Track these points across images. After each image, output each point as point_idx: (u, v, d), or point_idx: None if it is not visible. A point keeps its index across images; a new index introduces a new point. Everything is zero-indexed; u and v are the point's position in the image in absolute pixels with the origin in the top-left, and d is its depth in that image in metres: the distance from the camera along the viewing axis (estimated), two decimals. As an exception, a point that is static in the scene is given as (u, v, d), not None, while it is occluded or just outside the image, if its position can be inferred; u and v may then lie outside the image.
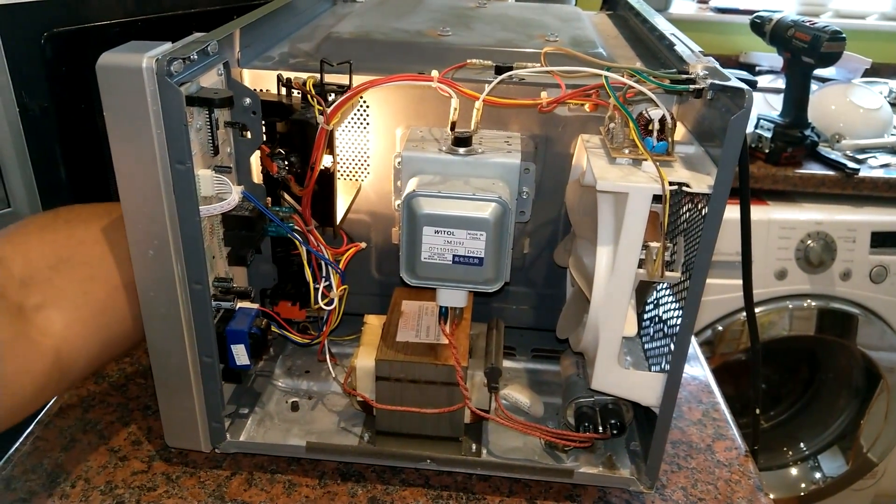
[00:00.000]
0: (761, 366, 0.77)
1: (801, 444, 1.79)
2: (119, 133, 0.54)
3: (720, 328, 1.58)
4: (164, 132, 0.54)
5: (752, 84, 1.80)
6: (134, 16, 0.82)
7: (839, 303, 1.59)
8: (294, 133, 0.65)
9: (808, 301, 1.58)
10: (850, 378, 1.73)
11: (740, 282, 0.71)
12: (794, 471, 1.78)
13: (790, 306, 1.58)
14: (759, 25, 1.61)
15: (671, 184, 0.55)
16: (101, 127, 0.53)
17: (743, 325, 1.56)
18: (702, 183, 0.55)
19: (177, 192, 0.56)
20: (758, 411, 0.76)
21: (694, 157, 0.60)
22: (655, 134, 0.59)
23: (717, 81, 0.57)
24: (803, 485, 1.76)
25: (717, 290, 1.51)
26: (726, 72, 0.58)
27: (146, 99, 0.52)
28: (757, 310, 1.56)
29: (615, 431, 0.67)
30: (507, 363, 0.81)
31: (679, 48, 0.68)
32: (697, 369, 0.88)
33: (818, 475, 1.76)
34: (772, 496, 0.70)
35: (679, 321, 0.60)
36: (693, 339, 0.89)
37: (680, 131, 0.65)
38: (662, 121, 0.59)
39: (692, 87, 0.59)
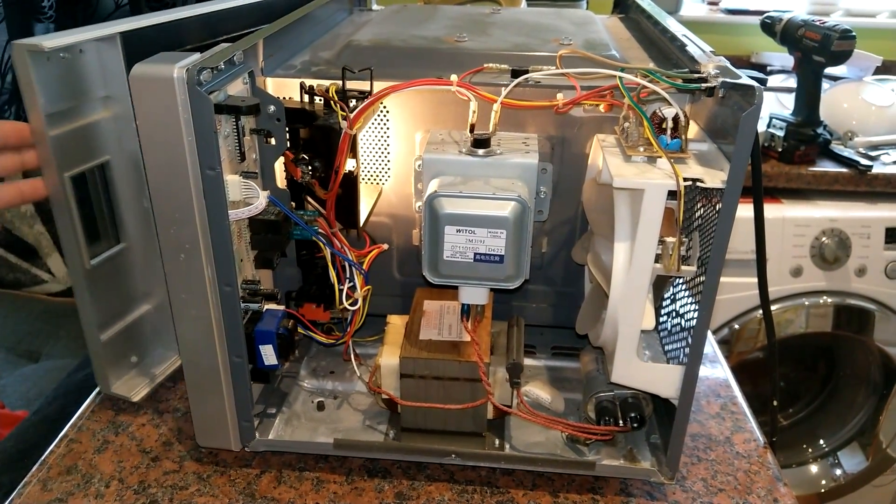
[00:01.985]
0: (777, 358, 0.78)
1: (821, 441, 1.79)
2: (151, 140, 0.56)
3: (737, 326, 1.58)
4: (194, 139, 0.56)
5: (763, 81, 1.81)
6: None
7: (855, 299, 1.59)
8: (318, 138, 0.67)
9: (825, 298, 1.59)
10: (867, 374, 1.73)
11: (756, 280, 0.73)
12: (814, 468, 1.78)
13: (806, 303, 1.58)
14: (770, 26, 1.62)
15: (685, 180, 0.57)
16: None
17: (759, 322, 1.57)
18: (715, 178, 0.57)
19: (207, 197, 0.58)
20: (775, 403, 0.77)
21: (707, 154, 0.62)
22: (669, 132, 0.61)
23: (728, 79, 0.59)
24: (823, 482, 1.76)
25: (732, 288, 1.51)
26: (737, 70, 0.60)
27: (177, 107, 0.54)
28: (773, 307, 1.57)
29: (635, 424, 0.68)
30: (527, 361, 0.83)
31: (690, 48, 0.69)
32: (715, 365, 0.90)
33: (838, 472, 1.76)
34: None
35: (696, 314, 0.61)
36: (710, 336, 0.90)
37: (693, 129, 0.67)
38: (676, 119, 0.60)
39: (704, 85, 0.60)
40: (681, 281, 0.70)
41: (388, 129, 0.75)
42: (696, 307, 0.62)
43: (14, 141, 0.68)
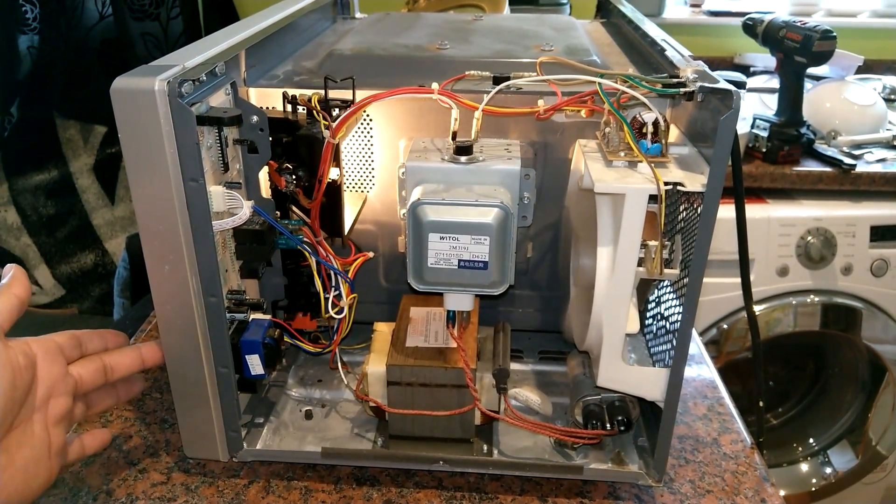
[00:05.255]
0: (763, 359, 0.79)
1: (811, 440, 1.80)
2: (134, 153, 0.56)
3: (725, 327, 1.59)
4: (176, 151, 0.56)
5: (741, 85, 1.82)
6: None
7: (842, 297, 1.60)
8: (301, 148, 0.67)
9: (811, 297, 1.60)
10: (856, 372, 1.74)
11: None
12: (804, 466, 1.79)
13: (793, 302, 1.59)
14: (752, 27, 1.63)
15: (666, 184, 0.57)
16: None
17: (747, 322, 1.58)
18: (696, 182, 0.57)
19: (190, 209, 0.58)
20: (761, 403, 0.77)
21: (687, 158, 0.62)
22: (649, 137, 0.61)
23: (706, 84, 0.59)
24: (814, 480, 1.77)
25: (720, 288, 1.52)
26: (715, 74, 0.60)
27: (159, 120, 0.54)
28: (761, 307, 1.58)
29: (622, 427, 0.69)
30: (514, 366, 0.83)
31: (670, 53, 0.70)
32: (702, 366, 0.90)
33: (828, 470, 1.77)
34: (782, 492, 0.72)
35: (680, 317, 0.62)
36: (697, 338, 0.90)
37: (673, 133, 0.67)
38: (656, 124, 0.61)
39: (683, 90, 0.61)
40: (665, 284, 0.71)
41: (371, 137, 0.75)
42: (681, 309, 0.62)
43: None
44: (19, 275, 0.60)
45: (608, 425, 0.69)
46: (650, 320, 0.73)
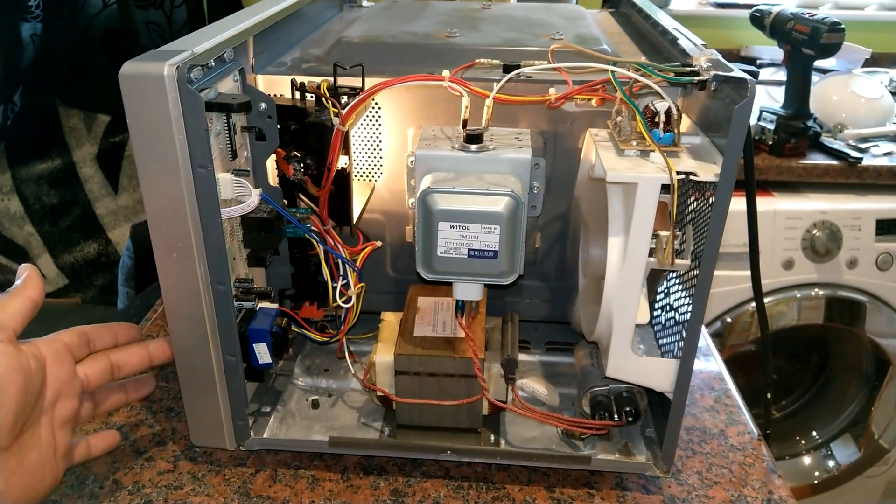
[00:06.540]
0: (771, 351, 0.79)
1: (814, 433, 1.80)
2: (142, 139, 0.56)
3: (729, 319, 1.59)
4: (185, 137, 0.56)
5: (755, 74, 1.81)
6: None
7: (846, 291, 1.60)
8: (310, 135, 0.66)
9: (816, 290, 1.59)
10: (859, 365, 1.74)
11: (748, 273, 0.73)
12: (807, 459, 1.79)
13: (798, 296, 1.59)
14: (759, 19, 1.63)
15: (678, 173, 0.57)
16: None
17: (752, 315, 1.57)
18: (708, 172, 0.57)
19: (199, 196, 0.58)
20: (769, 395, 0.77)
21: (700, 148, 0.62)
22: (662, 126, 0.61)
23: (720, 73, 0.59)
24: (816, 473, 1.77)
25: (725, 281, 1.52)
26: (729, 63, 0.60)
27: (168, 105, 0.54)
28: (765, 300, 1.57)
29: (630, 418, 0.68)
30: (522, 356, 0.82)
31: (682, 42, 0.69)
32: (709, 358, 0.90)
33: (831, 463, 1.77)
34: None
35: (690, 308, 0.61)
36: (704, 329, 0.90)
37: (685, 123, 0.67)
38: (668, 113, 0.60)
39: (696, 78, 0.60)
40: (674, 275, 0.70)
41: (380, 125, 0.75)
42: (690, 301, 0.62)
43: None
44: (34, 276, 0.60)
45: (616, 416, 0.69)
46: (659, 311, 0.73)
